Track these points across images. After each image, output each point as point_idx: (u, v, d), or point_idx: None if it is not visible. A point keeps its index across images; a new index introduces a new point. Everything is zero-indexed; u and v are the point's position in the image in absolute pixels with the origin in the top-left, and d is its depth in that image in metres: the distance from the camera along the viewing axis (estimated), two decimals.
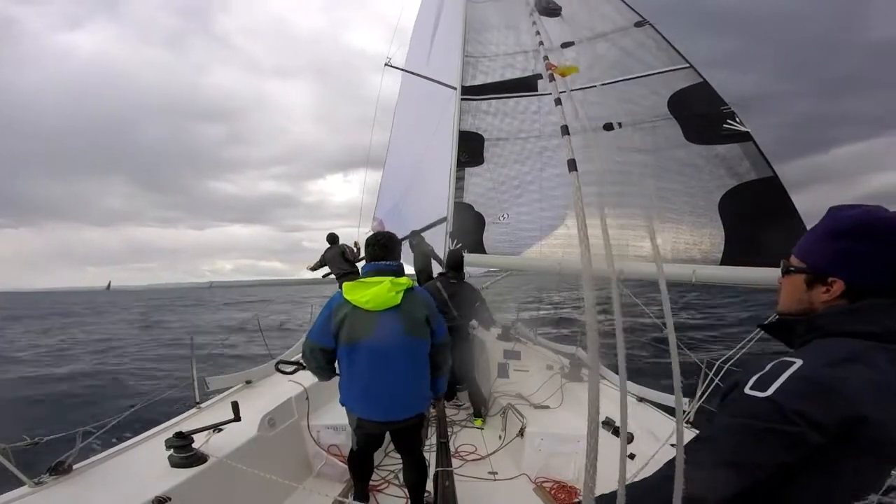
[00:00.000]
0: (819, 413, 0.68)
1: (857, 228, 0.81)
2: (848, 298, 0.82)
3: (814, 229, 0.89)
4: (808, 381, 0.71)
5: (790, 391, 0.70)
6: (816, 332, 0.83)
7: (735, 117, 3.29)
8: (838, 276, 0.82)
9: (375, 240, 2.17)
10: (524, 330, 5.37)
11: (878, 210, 0.82)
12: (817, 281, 0.85)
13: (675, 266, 3.03)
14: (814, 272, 0.86)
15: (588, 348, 0.64)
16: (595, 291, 0.61)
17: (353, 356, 2.01)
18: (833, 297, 0.83)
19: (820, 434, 0.67)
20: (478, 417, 3.76)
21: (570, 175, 0.75)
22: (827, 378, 0.70)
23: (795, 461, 0.69)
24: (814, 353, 0.77)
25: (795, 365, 0.73)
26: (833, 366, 0.72)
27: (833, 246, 0.84)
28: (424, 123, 6.43)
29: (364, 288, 2.00)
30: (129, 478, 1.91)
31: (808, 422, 0.67)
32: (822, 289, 0.84)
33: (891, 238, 0.78)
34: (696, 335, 11.52)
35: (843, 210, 0.86)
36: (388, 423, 2.11)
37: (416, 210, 6.21)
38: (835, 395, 0.69)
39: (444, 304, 3.68)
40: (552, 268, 3.60)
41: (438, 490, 2.08)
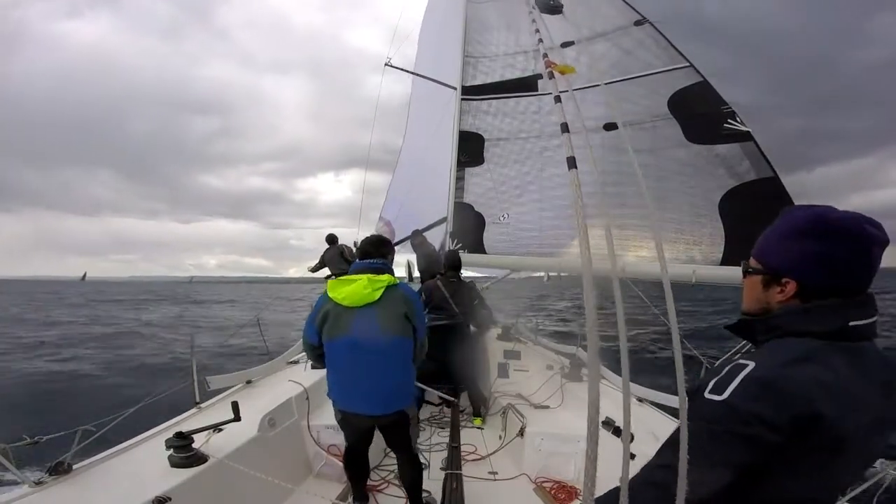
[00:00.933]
0: (772, 413, 0.70)
1: (806, 229, 0.82)
2: (801, 298, 0.82)
3: (769, 230, 0.90)
4: (760, 383, 0.72)
5: (744, 393, 0.72)
6: (773, 332, 0.84)
7: (735, 117, 3.29)
8: (791, 277, 0.82)
9: (368, 239, 2.24)
10: (524, 330, 5.37)
11: (828, 210, 0.82)
12: (773, 281, 0.85)
13: (676, 266, 3.03)
14: (769, 273, 0.86)
15: (588, 348, 0.64)
16: (595, 292, 0.61)
17: (333, 351, 2.07)
18: (787, 297, 0.83)
19: (776, 433, 0.69)
20: (477, 416, 3.75)
21: (570, 173, 0.74)
22: (778, 378, 0.72)
23: (759, 461, 0.71)
24: (766, 355, 0.79)
25: (748, 367, 0.75)
26: (784, 366, 0.74)
27: (785, 246, 0.84)
28: (426, 123, 6.43)
29: (344, 285, 2.05)
30: (129, 478, 1.91)
31: (763, 422, 0.69)
32: (777, 289, 0.85)
33: (839, 237, 0.78)
34: (698, 336, 11.54)
35: (794, 211, 0.87)
36: (371, 417, 2.13)
37: (417, 210, 6.22)
38: (786, 394, 0.70)
39: (444, 302, 3.70)
40: (552, 267, 3.60)
41: (447, 492, 2.09)
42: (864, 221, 0.79)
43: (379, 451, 2.87)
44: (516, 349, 4.42)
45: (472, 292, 4.00)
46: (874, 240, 0.78)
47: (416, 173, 6.61)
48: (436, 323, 3.68)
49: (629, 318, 0.72)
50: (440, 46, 6.21)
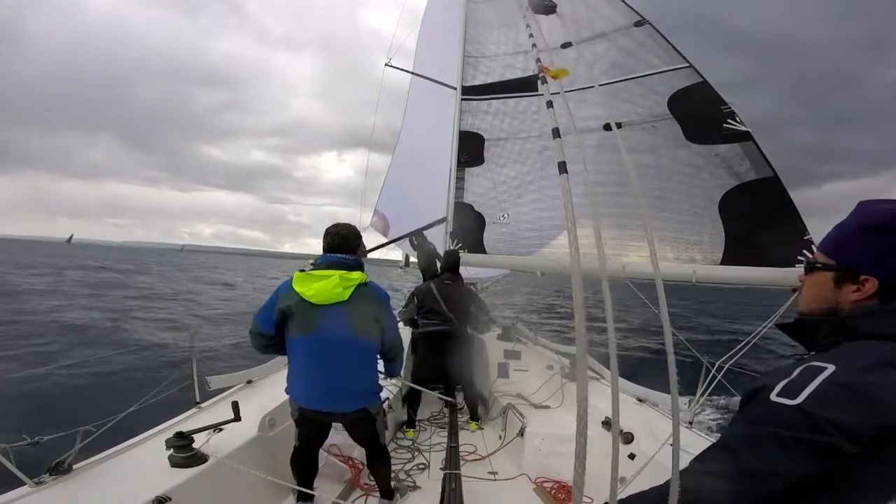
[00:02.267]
0: (855, 422, 0.63)
1: (893, 223, 0.75)
2: (880, 298, 0.76)
3: (842, 224, 0.83)
4: (842, 388, 0.66)
5: (823, 398, 0.65)
6: (845, 333, 0.77)
7: (735, 117, 3.28)
8: (871, 274, 0.76)
9: (336, 230, 2.13)
10: (524, 330, 5.37)
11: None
12: (847, 279, 0.79)
13: (676, 266, 3.02)
14: (844, 269, 0.80)
15: (577, 346, 0.64)
16: (583, 292, 0.62)
17: (296, 348, 2.03)
18: (864, 296, 0.77)
19: (854, 444, 0.63)
20: (473, 421, 3.71)
21: (561, 177, 0.75)
22: (863, 384, 0.65)
23: (822, 472, 0.64)
24: (847, 358, 0.72)
25: (828, 370, 0.68)
26: (869, 371, 0.67)
27: (866, 241, 0.78)
28: (427, 123, 6.45)
29: (312, 280, 1.98)
30: (129, 478, 1.91)
31: (843, 432, 0.62)
32: (852, 287, 0.79)
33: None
34: (700, 338, 11.47)
35: (876, 204, 0.80)
36: (330, 414, 2.12)
37: (418, 210, 6.22)
38: (872, 402, 0.64)
39: (436, 305, 3.65)
40: (552, 267, 3.60)
41: (446, 492, 2.10)
42: None
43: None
44: (516, 349, 4.42)
45: (469, 296, 3.94)
46: None
47: (415, 172, 6.63)
48: (429, 329, 3.65)
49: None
50: (440, 46, 6.23)
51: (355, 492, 2.66)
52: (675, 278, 2.96)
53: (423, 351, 3.74)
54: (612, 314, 0.68)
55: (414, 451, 3.25)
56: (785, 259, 2.65)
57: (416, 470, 3.01)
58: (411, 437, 3.52)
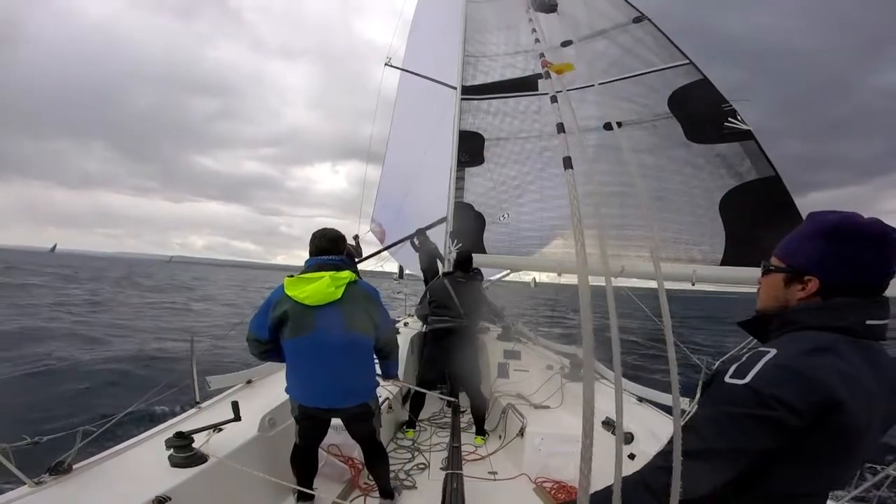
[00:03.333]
0: (795, 397, 0.72)
1: (835, 231, 0.86)
2: (821, 296, 0.87)
3: (796, 232, 0.95)
4: (783, 368, 0.75)
5: (767, 378, 0.75)
6: (790, 325, 0.88)
7: (736, 115, 3.28)
8: (814, 275, 0.87)
9: (322, 234, 2.18)
10: (524, 330, 5.37)
11: (855, 216, 0.87)
12: (795, 279, 0.90)
13: (676, 266, 3.02)
14: (793, 271, 0.91)
15: (583, 346, 0.64)
16: (590, 291, 0.62)
17: (294, 350, 2.07)
18: (808, 294, 0.88)
19: (797, 418, 0.72)
20: (479, 435, 3.52)
21: (566, 173, 0.75)
22: (801, 365, 0.75)
23: (775, 447, 0.74)
24: (787, 343, 0.83)
25: (770, 353, 0.78)
26: (806, 354, 0.77)
27: (813, 247, 0.89)
28: (425, 123, 6.43)
29: (304, 283, 2.03)
30: (129, 478, 1.91)
31: (785, 406, 0.72)
32: (798, 287, 0.89)
33: (864, 240, 0.84)
34: (700, 339, 11.46)
35: (823, 215, 0.91)
36: (330, 410, 2.17)
37: (418, 210, 6.22)
38: (809, 380, 0.73)
39: (449, 301, 3.63)
40: (552, 267, 3.59)
41: (447, 492, 2.10)
42: (889, 227, 0.85)
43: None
44: (516, 349, 4.41)
45: (480, 295, 3.93)
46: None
47: (412, 174, 6.62)
48: (439, 326, 3.62)
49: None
50: (439, 46, 6.21)
51: (355, 492, 2.66)
52: (675, 278, 2.96)
53: (430, 350, 3.70)
54: (616, 317, 0.68)
55: (414, 451, 3.25)
56: None
57: (416, 470, 3.00)
58: (411, 438, 3.51)
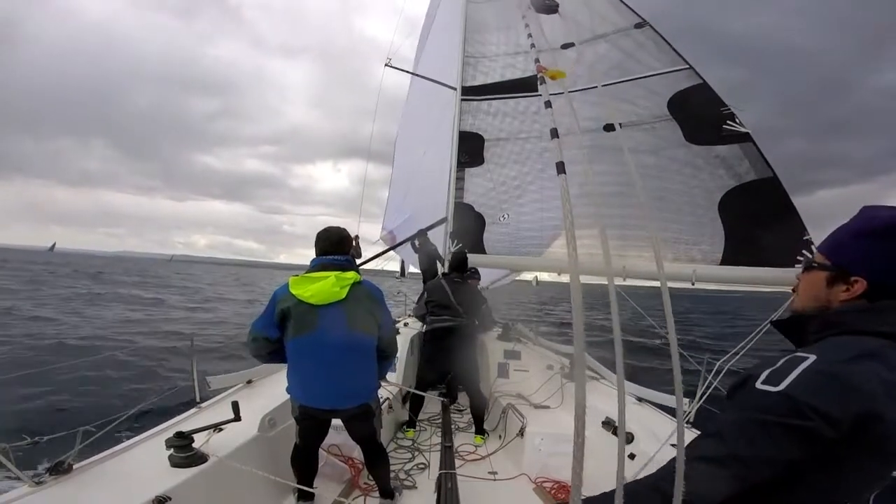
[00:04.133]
0: (834, 408, 0.66)
1: (887, 229, 0.79)
2: (867, 298, 0.80)
3: (843, 227, 0.86)
4: (823, 375, 0.69)
5: (804, 385, 0.68)
6: (831, 329, 0.81)
7: (735, 118, 3.29)
8: (862, 276, 0.80)
9: (327, 234, 2.19)
10: (524, 330, 5.37)
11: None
12: (839, 279, 0.83)
13: (676, 266, 3.03)
14: (838, 270, 0.83)
15: (574, 345, 0.64)
16: (581, 292, 0.62)
17: (297, 349, 2.07)
18: (853, 296, 0.81)
19: (833, 429, 0.66)
20: (479, 434, 3.54)
21: (559, 178, 0.75)
22: (842, 373, 0.69)
23: (805, 458, 0.68)
24: (828, 349, 0.76)
25: (809, 360, 0.71)
26: (849, 361, 0.70)
27: (862, 245, 0.81)
28: (427, 124, 6.44)
29: (309, 282, 2.04)
30: (129, 477, 1.91)
31: (823, 416, 0.66)
32: (842, 287, 0.82)
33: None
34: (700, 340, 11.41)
35: (877, 210, 0.83)
36: (331, 411, 2.17)
37: (418, 210, 6.22)
38: (850, 389, 0.67)
39: (447, 300, 3.65)
40: (552, 267, 3.60)
41: (442, 492, 2.09)
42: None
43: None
44: (516, 349, 4.41)
45: (478, 295, 3.95)
46: None
47: (416, 175, 6.63)
48: (438, 325, 3.63)
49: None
50: (440, 47, 6.22)
51: (355, 492, 2.66)
52: (675, 278, 2.97)
53: (429, 350, 3.70)
54: (618, 317, 0.68)
55: (414, 451, 3.26)
56: (784, 259, 2.65)
57: (416, 470, 3.01)
58: (411, 438, 3.52)
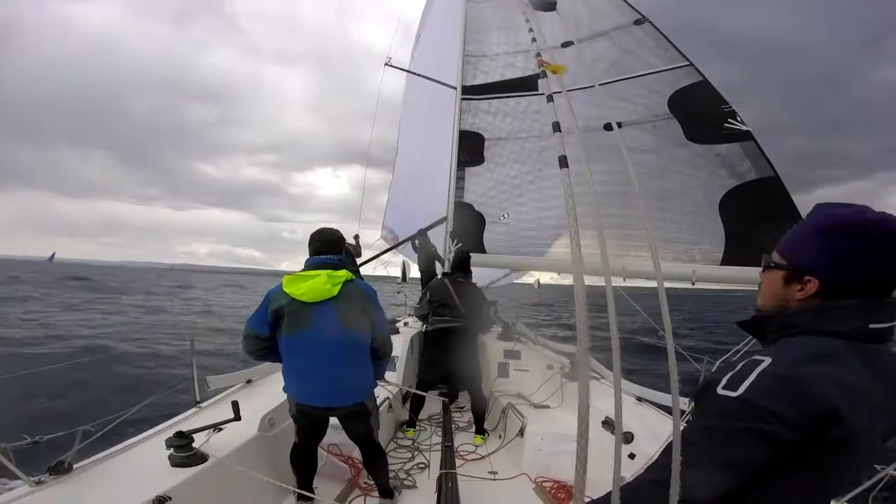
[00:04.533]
0: (788, 410, 0.68)
1: (843, 228, 0.79)
2: (821, 297, 0.80)
3: (799, 225, 0.87)
4: (777, 378, 0.71)
5: (760, 389, 0.70)
6: (788, 329, 0.83)
7: (736, 116, 3.28)
8: (815, 275, 0.81)
9: (319, 236, 2.24)
10: (524, 330, 5.37)
11: (865, 211, 0.80)
12: (794, 278, 0.84)
13: (676, 266, 3.02)
14: (792, 269, 0.84)
15: (578, 345, 0.64)
16: (585, 290, 0.62)
17: (291, 346, 2.09)
18: (807, 295, 0.82)
19: (791, 431, 0.68)
20: (479, 434, 3.54)
21: (562, 172, 0.75)
22: (796, 375, 0.70)
23: (771, 459, 0.70)
24: (783, 351, 0.77)
25: (765, 363, 0.73)
26: (802, 363, 0.72)
27: (816, 244, 0.82)
28: (427, 123, 6.44)
29: (301, 281, 2.08)
30: (129, 477, 1.91)
31: (779, 419, 0.68)
32: (797, 286, 0.83)
33: (875, 239, 0.76)
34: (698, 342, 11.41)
35: (828, 208, 0.84)
36: (327, 409, 2.18)
37: (418, 211, 6.22)
38: (804, 391, 0.69)
39: (450, 300, 3.64)
40: (552, 267, 3.59)
41: (442, 492, 2.10)
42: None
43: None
44: (516, 349, 4.41)
45: (480, 295, 3.93)
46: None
47: (417, 174, 6.63)
48: (441, 325, 3.62)
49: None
50: (440, 46, 6.22)
51: (355, 491, 2.66)
52: (674, 278, 2.96)
53: (431, 350, 3.69)
54: (616, 318, 0.67)
55: (414, 451, 3.25)
56: None
57: (416, 469, 3.01)
58: (411, 437, 3.52)
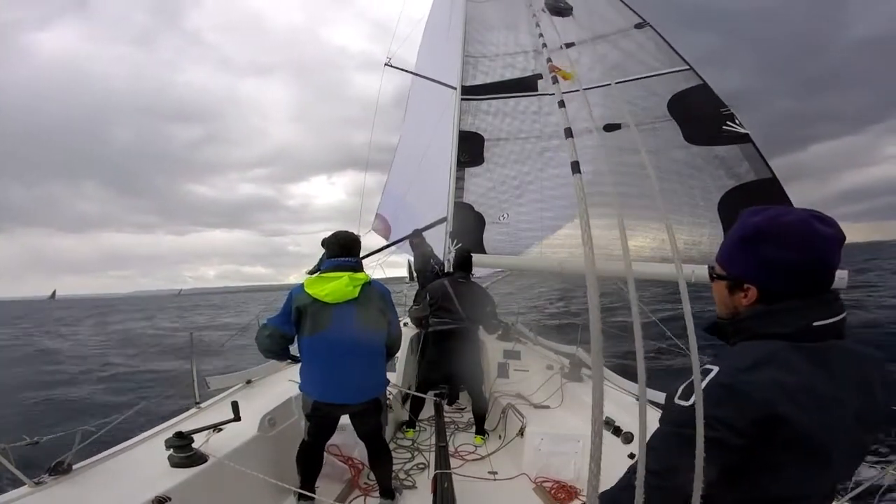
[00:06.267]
0: (733, 417, 0.72)
1: (759, 234, 0.82)
2: (765, 302, 0.83)
3: (729, 234, 0.90)
4: (721, 387, 0.74)
5: (707, 398, 0.72)
6: (740, 334, 0.86)
7: (734, 119, 3.30)
8: (751, 282, 0.83)
9: (335, 239, 2.33)
10: (524, 330, 5.37)
11: (780, 214, 0.82)
12: (736, 287, 0.86)
13: (675, 266, 3.03)
14: (731, 279, 0.87)
15: (591, 350, 0.64)
16: (599, 293, 0.62)
17: (312, 345, 2.19)
18: (751, 301, 0.84)
19: (739, 437, 0.72)
20: (479, 435, 3.53)
21: (574, 177, 0.75)
22: (737, 383, 0.74)
23: (728, 462, 0.73)
24: (729, 359, 0.81)
25: (713, 372, 0.77)
26: (745, 370, 0.75)
27: (743, 252, 0.85)
28: (426, 123, 6.44)
29: (324, 282, 2.17)
30: (129, 478, 1.91)
31: (726, 426, 0.71)
32: (741, 294, 0.86)
33: (790, 241, 0.78)
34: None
35: (747, 216, 0.86)
36: (343, 406, 2.26)
37: (416, 209, 6.22)
38: (746, 398, 0.72)
39: (450, 303, 3.60)
40: (553, 268, 3.60)
41: (437, 492, 2.09)
42: (816, 221, 0.79)
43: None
44: (516, 349, 4.41)
45: (484, 296, 3.90)
46: (827, 239, 0.78)
47: (415, 172, 6.62)
48: (441, 328, 3.59)
49: (632, 322, 0.73)
50: (440, 46, 6.22)
51: (355, 492, 2.66)
52: (674, 278, 2.97)
53: (433, 352, 3.64)
54: (639, 317, 0.68)
55: (414, 451, 3.25)
56: None
57: (416, 470, 3.00)
58: (411, 437, 3.52)
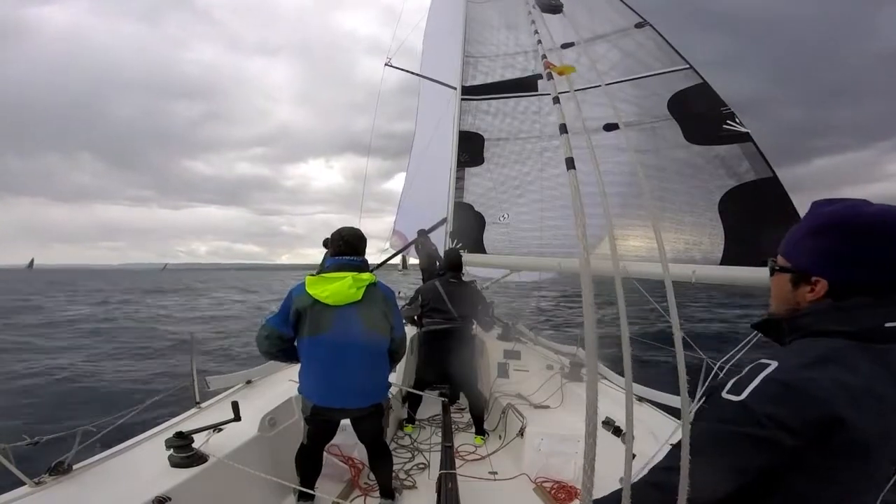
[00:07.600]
0: (789, 415, 0.67)
1: (836, 225, 0.77)
2: (833, 297, 0.78)
3: (797, 226, 0.86)
4: (780, 384, 0.69)
5: (763, 394, 0.69)
6: (799, 331, 0.81)
7: (735, 118, 3.29)
8: (821, 276, 0.78)
9: (340, 236, 2.20)
10: (524, 330, 5.37)
11: (859, 205, 0.77)
12: (802, 280, 0.82)
13: (675, 266, 3.02)
14: (797, 272, 0.82)
15: (586, 348, 0.64)
16: (593, 292, 0.62)
17: (312, 348, 2.09)
18: (818, 296, 0.79)
19: (794, 437, 0.67)
20: (479, 435, 3.53)
21: (568, 174, 0.75)
22: (799, 380, 0.69)
23: (776, 465, 0.69)
24: (790, 355, 0.76)
25: (770, 367, 0.72)
26: (807, 367, 0.71)
27: (813, 244, 0.80)
28: (429, 124, 6.46)
29: (326, 283, 2.06)
30: (129, 478, 1.91)
31: (781, 425, 0.67)
32: (807, 288, 0.81)
33: (872, 234, 0.74)
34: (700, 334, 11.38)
35: (823, 205, 0.82)
36: (344, 411, 2.19)
37: (426, 213, 6.23)
38: (806, 396, 0.67)
39: (441, 304, 3.64)
40: (552, 268, 3.60)
41: (442, 492, 2.10)
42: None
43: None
44: (516, 349, 4.41)
45: (475, 295, 3.92)
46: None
47: (422, 175, 6.65)
48: (433, 328, 3.62)
49: (630, 318, 0.73)
50: (440, 46, 6.22)
51: (355, 492, 2.66)
52: (674, 278, 2.97)
53: (426, 351, 3.69)
54: (626, 316, 0.68)
55: (414, 451, 3.25)
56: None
57: (416, 470, 3.00)
58: (409, 433, 3.52)
